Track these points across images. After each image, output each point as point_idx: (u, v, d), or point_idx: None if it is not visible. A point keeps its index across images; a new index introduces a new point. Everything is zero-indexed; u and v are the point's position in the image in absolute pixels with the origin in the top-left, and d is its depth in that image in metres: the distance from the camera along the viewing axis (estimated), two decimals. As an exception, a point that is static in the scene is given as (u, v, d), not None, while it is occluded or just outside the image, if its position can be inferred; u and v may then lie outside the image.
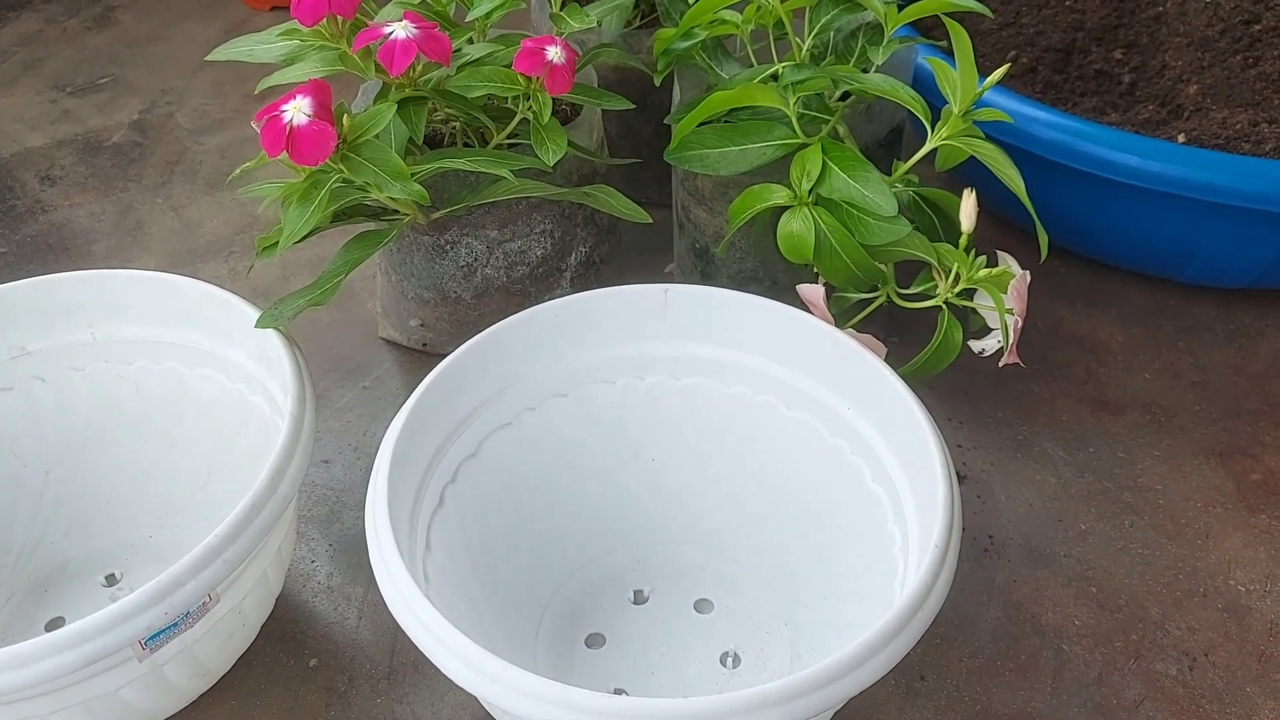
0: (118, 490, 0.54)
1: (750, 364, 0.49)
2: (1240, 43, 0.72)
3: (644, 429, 0.51)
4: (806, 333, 0.47)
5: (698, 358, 0.50)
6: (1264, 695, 0.48)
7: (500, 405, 0.48)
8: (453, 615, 0.36)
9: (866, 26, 0.54)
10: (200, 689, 0.48)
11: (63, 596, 0.52)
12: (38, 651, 0.36)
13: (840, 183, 0.48)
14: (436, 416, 0.45)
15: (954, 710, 0.48)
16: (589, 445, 0.51)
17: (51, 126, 0.91)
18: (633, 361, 0.50)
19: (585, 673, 0.48)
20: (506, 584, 0.49)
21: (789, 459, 0.50)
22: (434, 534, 0.44)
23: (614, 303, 0.49)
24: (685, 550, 0.53)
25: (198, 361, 0.52)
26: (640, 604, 0.51)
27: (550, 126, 0.51)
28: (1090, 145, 0.61)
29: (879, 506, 0.46)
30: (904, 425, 0.43)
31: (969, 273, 0.48)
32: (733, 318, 0.49)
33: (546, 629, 0.50)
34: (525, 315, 0.47)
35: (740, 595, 0.51)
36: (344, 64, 0.49)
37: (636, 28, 0.68)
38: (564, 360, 0.49)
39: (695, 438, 0.51)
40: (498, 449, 0.48)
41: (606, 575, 0.52)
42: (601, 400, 0.50)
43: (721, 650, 0.49)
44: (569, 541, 0.52)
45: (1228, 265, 0.66)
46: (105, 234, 0.79)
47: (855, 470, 0.47)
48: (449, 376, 0.45)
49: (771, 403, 0.49)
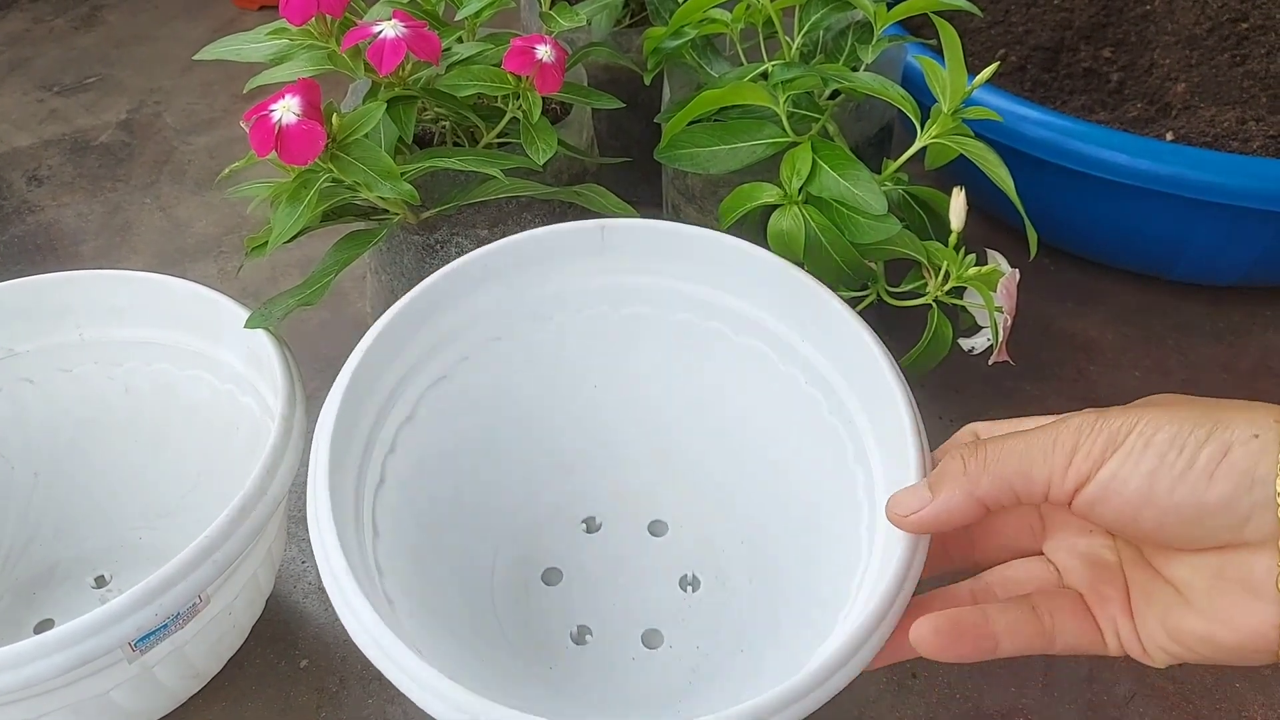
0: (107, 492, 0.54)
1: (696, 293, 0.47)
2: (1228, 41, 0.73)
3: (584, 359, 0.49)
4: (758, 267, 0.45)
5: (639, 287, 0.47)
6: (1253, 691, 0.48)
7: (434, 362, 0.46)
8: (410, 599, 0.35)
9: (856, 25, 0.54)
10: (191, 690, 0.48)
11: (52, 598, 0.52)
12: (27, 654, 0.36)
13: (830, 181, 0.48)
14: (368, 394, 0.43)
15: (945, 708, 0.48)
16: (528, 383, 0.49)
17: (39, 126, 0.91)
18: (569, 296, 0.47)
19: (546, 612, 0.47)
20: (455, 541, 0.47)
21: (739, 386, 0.48)
22: (380, 515, 0.42)
23: (547, 242, 0.46)
24: (634, 475, 0.51)
25: (187, 362, 0.52)
26: (593, 532, 0.50)
27: (540, 125, 0.51)
28: (1079, 143, 0.62)
29: (837, 441, 0.44)
30: (867, 371, 0.42)
31: (958, 271, 0.48)
32: (677, 251, 0.46)
33: (501, 571, 0.48)
34: (452, 266, 0.45)
35: (694, 515, 0.50)
36: (333, 63, 0.49)
37: (626, 26, 0.68)
38: (497, 305, 0.47)
39: (637, 363, 0.49)
40: (434, 405, 0.46)
41: (555, 507, 0.51)
42: (538, 338, 0.48)
43: (680, 574, 0.48)
44: (514, 479, 0.50)
45: (1216, 263, 0.66)
46: (93, 234, 0.78)
47: (811, 401, 0.45)
48: (379, 348, 0.43)
49: (719, 329, 0.47)
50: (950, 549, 0.39)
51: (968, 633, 0.34)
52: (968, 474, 0.33)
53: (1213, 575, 0.30)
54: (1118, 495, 0.30)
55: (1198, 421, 0.29)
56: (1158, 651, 0.33)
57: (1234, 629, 0.30)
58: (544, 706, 0.43)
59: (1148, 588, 0.33)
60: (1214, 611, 0.30)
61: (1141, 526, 0.31)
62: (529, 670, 0.45)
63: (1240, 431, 0.29)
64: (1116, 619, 0.34)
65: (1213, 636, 0.30)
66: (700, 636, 0.47)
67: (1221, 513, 0.29)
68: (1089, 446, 0.31)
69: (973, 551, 0.39)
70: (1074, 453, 0.31)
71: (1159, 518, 0.30)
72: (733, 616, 0.47)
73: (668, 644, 0.47)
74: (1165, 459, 0.29)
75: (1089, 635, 0.34)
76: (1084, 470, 0.31)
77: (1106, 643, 0.34)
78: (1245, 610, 0.30)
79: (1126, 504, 0.30)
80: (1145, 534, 0.31)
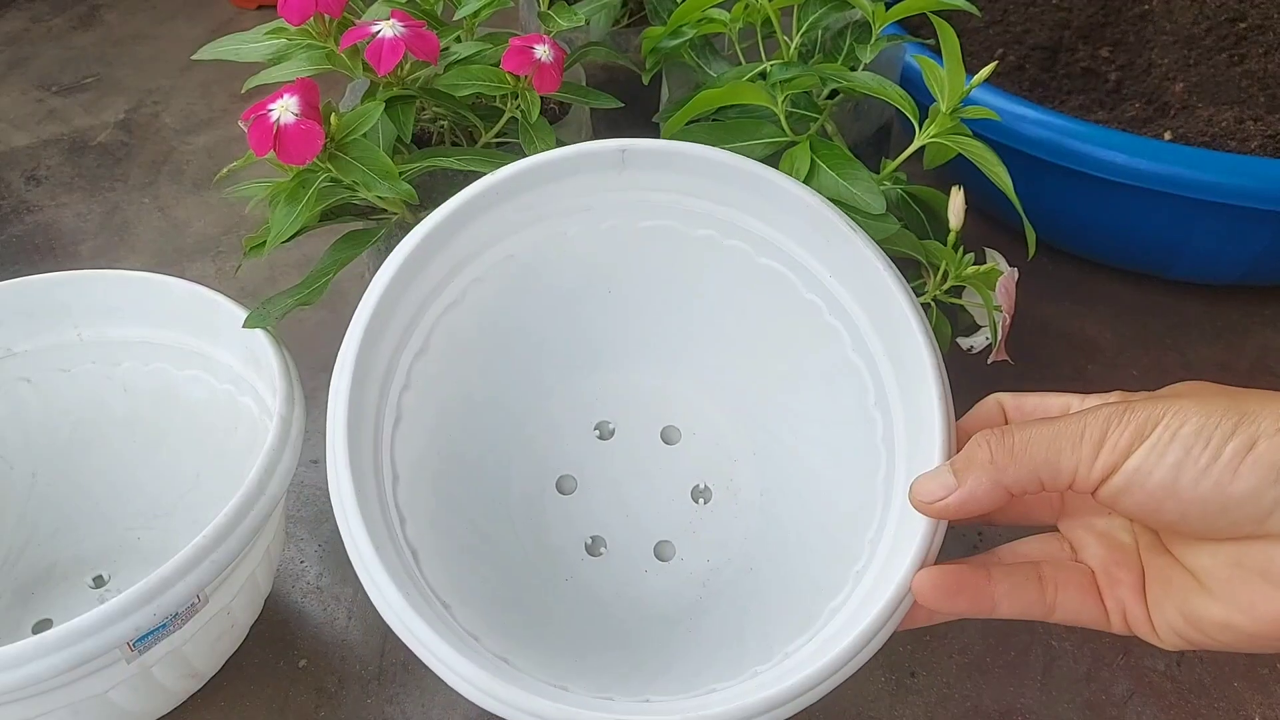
0: (105, 492, 0.54)
1: (720, 214, 0.45)
2: (1226, 40, 0.73)
3: (599, 266, 0.48)
4: (788, 197, 0.43)
5: (661, 204, 0.46)
6: (1251, 690, 0.48)
7: (448, 289, 0.45)
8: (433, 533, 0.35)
9: (854, 25, 0.55)
10: (189, 690, 0.48)
11: (50, 598, 0.52)
12: (25, 653, 0.36)
13: (829, 181, 0.48)
14: (381, 337, 0.42)
15: (944, 707, 0.48)
16: (541, 292, 0.48)
17: (37, 126, 0.91)
18: (587, 209, 0.46)
19: (560, 523, 0.47)
20: (472, 458, 0.47)
21: (759, 304, 0.47)
22: (398, 454, 0.42)
23: (565, 164, 0.44)
24: (647, 378, 0.50)
25: (186, 362, 0.52)
26: (606, 439, 0.50)
27: (539, 125, 0.51)
28: (1077, 143, 0.62)
29: (859, 380, 0.43)
30: (892, 317, 0.41)
31: (957, 270, 0.48)
32: (701, 173, 0.44)
33: (517, 482, 0.48)
34: (467, 192, 0.43)
35: (706, 422, 0.49)
36: (331, 63, 0.49)
37: (624, 26, 0.68)
38: (512, 227, 0.46)
39: (655, 271, 0.48)
40: (446, 331, 0.45)
41: (567, 411, 0.50)
42: (553, 251, 0.47)
43: (692, 484, 0.48)
44: (525, 390, 0.49)
45: (1214, 262, 0.66)
46: (92, 234, 0.78)
47: (833, 332, 0.44)
48: (394, 287, 0.42)
49: (741, 248, 0.46)
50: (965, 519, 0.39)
51: (967, 588, 0.34)
52: (995, 463, 0.33)
53: (1232, 564, 0.30)
54: (1141, 487, 0.30)
55: (1225, 413, 0.29)
56: (1171, 636, 0.33)
57: (1254, 617, 0.30)
58: (562, 622, 0.44)
59: (1165, 573, 0.33)
60: (1233, 599, 0.31)
61: (1164, 517, 0.31)
62: (546, 584, 0.45)
63: (1268, 424, 0.29)
64: (1126, 600, 0.34)
65: (1231, 623, 0.31)
66: (711, 550, 0.47)
67: (1245, 505, 0.29)
68: (1116, 438, 0.31)
69: (988, 515, 0.39)
70: (1101, 444, 0.31)
71: (1182, 509, 0.30)
72: (742, 531, 0.47)
73: (679, 556, 0.47)
74: (1191, 452, 0.29)
75: (1092, 611, 0.34)
76: (1110, 462, 0.31)
77: (1111, 621, 0.34)
78: (1265, 598, 0.30)
79: (1150, 496, 0.30)
80: (1167, 524, 0.31)
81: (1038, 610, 0.34)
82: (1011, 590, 0.34)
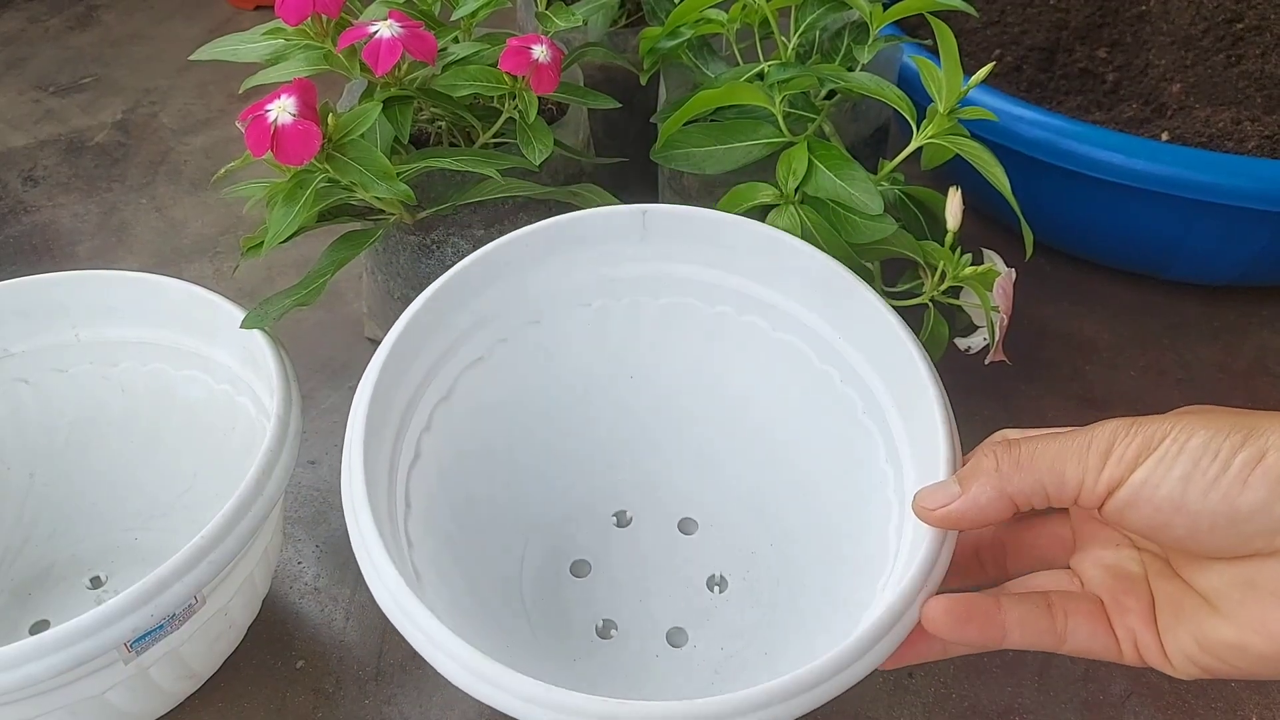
0: (103, 492, 0.54)
1: (734, 285, 0.47)
2: (1223, 41, 0.73)
3: (621, 349, 0.49)
4: (797, 258, 0.45)
5: (678, 277, 0.48)
6: (1248, 690, 0.48)
7: (472, 341, 0.46)
8: (439, 576, 0.35)
9: (852, 25, 0.55)
10: (187, 691, 0.48)
11: (47, 599, 0.52)
12: (22, 654, 0.36)
13: (826, 181, 0.48)
14: (407, 368, 0.43)
15: (942, 707, 0.48)
16: (564, 370, 0.49)
17: (34, 126, 0.90)
18: (609, 283, 0.48)
19: (573, 604, 0.47)
20: (487, 522, 0.47)
21: (774, 382, 0.48)
22: (413, 489, 0.43)
23: (588, 225, 0.46)
24: (666, 470, 0.51)
25: (183, 362, 0.52)
26: (624, 526, 0.50)
27: (536, 125, 0.51)
28: (1075, 143, 0.62)
29: (870, 441, 0.44)
30: (902, 369, 0.42)
31: (954, 271, 0.48)
32: (717, 239, 0.46)
33: (530, 560, 0.48)
34: (492, 247, 0.45)
35: (724, 515, 0.50)
36: (329, 63, 0.49)
37: (622, 26, 0.68)
38: (536, 288, 0.47)
39: (675, 356, 0.49)
40: (471, 386, 0.46)
41: (587, 498, 0.51)
42: (576, 324, 0.48)
43: (708, 573, 0.48)
44: (547, 468, 0.50)
45: (1212, 263, 0.66)
46: (89, 234, 0.78)
47: (846, 400, 0.45)
48: (414, 328, 0.43)
49: (757, 324, 0.47)
50: (984, 557, 0.39)
51: (977, 615, 0.33)
52: (1000, 471, 0.33)
53: (1245, 584, 0.30)
54: (1149, 501, 0.30)
55: (1233, 428, 0.29)
56: (1185, 663, 0.32)
57: (1267, 636, 0.30)
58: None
59: (1176, 599, 0.33)
60: (1246, 620, 0.30)
61: (1173, 533, 0.30)
62: (555, 663, 0.45)
63: (1276, 438, 0.29)
64: (1136, 628, 0.33)
65: (1245, 645, 0.30)
66: (725, 638, 0.47)
67: (1255, 518, 0.29)
68: (1123, 450, 0.31)
69: (1005, 561, 0.38)
70: (1108, 455, 0.31)
71: (1191, 524, 0.30)
72: (757, 619, 0.47)
73: (692, 643, 0.47)
74: (1199, 464, 0.29)
75: (1103, 640, 0.34)
76: (1117, 475, 0.31)
77: (1123, 651, 0.33)
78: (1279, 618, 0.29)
79: (1158, 510, 0.30)
80: (1176, 541, 0.31)
81: (1049, 640, 0.34)
82: (1022, 619, 0.33)
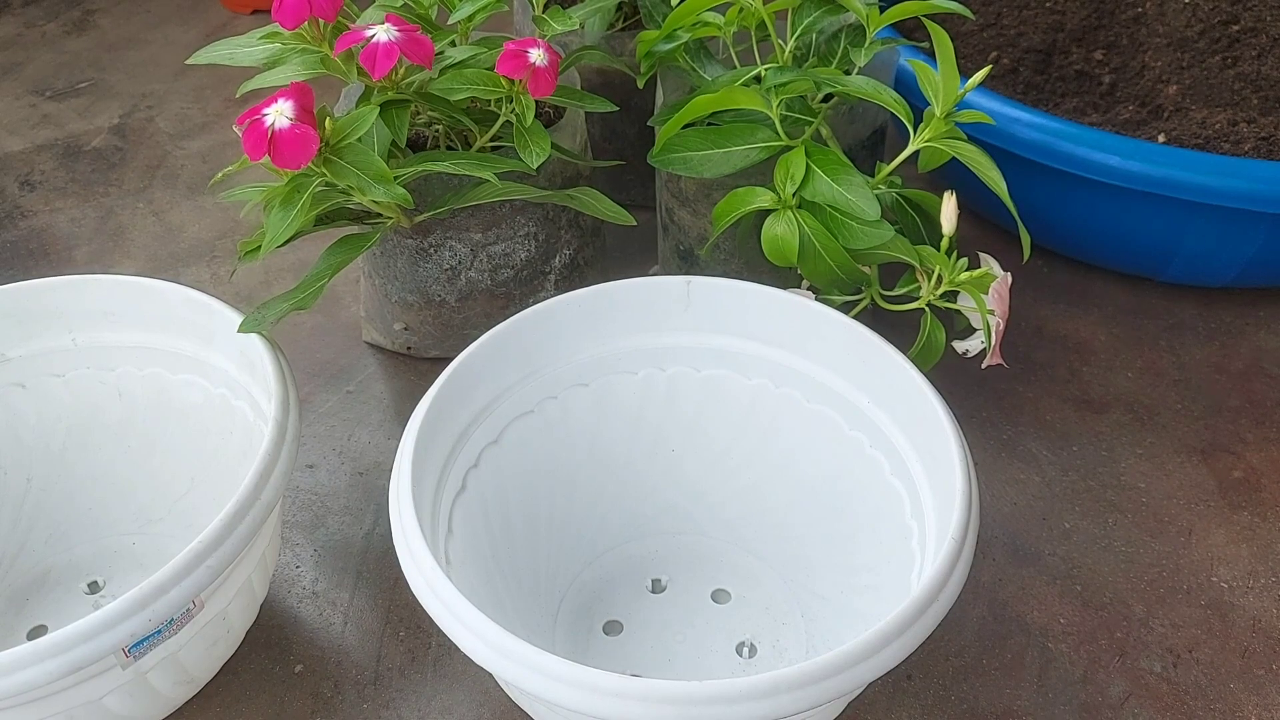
0: (100, 497, 0.54)
1: (771, 356, 0.50)
2: (1219, 43, 0.73)
3: (665, 419, 0.52)
4: (827, 326, 0.48)
5: (719, 349, 0.50)
6: (1247, 691, 0.48)
7: (522, 393, 0.49)
8: (473, 598, 0.36)
9: (848, 28, 0.55)
10: (185, 696, 0.48)
11: (45, 605, 0.52)
12: (20, 660, 0.36)
13: (824, 186, 0.48)
14: (459, 403, 0.46)
15: (940, 709, 0.48)
16: (610, 435, 0.52)
17: (31, 131, 0.90)
18: (654, 352, 0.51)
19: (602, 659, 0.49)
20: (526, 569, 0.49)
21: (808, 452, 0.50)
22: (456, 518, 0.45)
23: (636, 294, 0.49)
24: (703, 540, 0.53)
25: (180, 367, 0.52)
26: (658, 593, 0.52)
27: (534, 129, 0.51)
28: (1071, 146, 0.62)
29: (897, 499, 0.46)
30: (923, 419, 0.44)
31: (951, 275, 0.48)
32: (755, 310, 0.49)
33: (565, 615, 0.50)
34: (547, 305, 0.48)
35: (757, 586, 0.52)
36: (326, 67, 0.49)
37: (619, 30, 0.68)
38: (585, 350, 0.50)
39: (715, 428, 0.52)
40: (520, 436, 0.49)
41: (625, 563, 0.53)
42: (623, 391, 0.51)
43: (738, 640, 0.49)
44: (588, 529, 0.52)
45: (1208, 264, 0.66)
46: (86, 239, 0.78)
47: (874, 463, 0.47)
48: (471, 365, 0.46)
49: (792, 395, 0.50)
50: None
51: None
52: None
53: None
54: None
55: None
56: None
57: None
58: None
59: None
60: None
61: None
62: None
63: None
64: None
65: None
66: None
67: None
68: None
69: None
70: None
71: None
72: None
73: None
74: None
75: None
76: None
77: None
78: None
79: None
80: None
81: None
82: None
